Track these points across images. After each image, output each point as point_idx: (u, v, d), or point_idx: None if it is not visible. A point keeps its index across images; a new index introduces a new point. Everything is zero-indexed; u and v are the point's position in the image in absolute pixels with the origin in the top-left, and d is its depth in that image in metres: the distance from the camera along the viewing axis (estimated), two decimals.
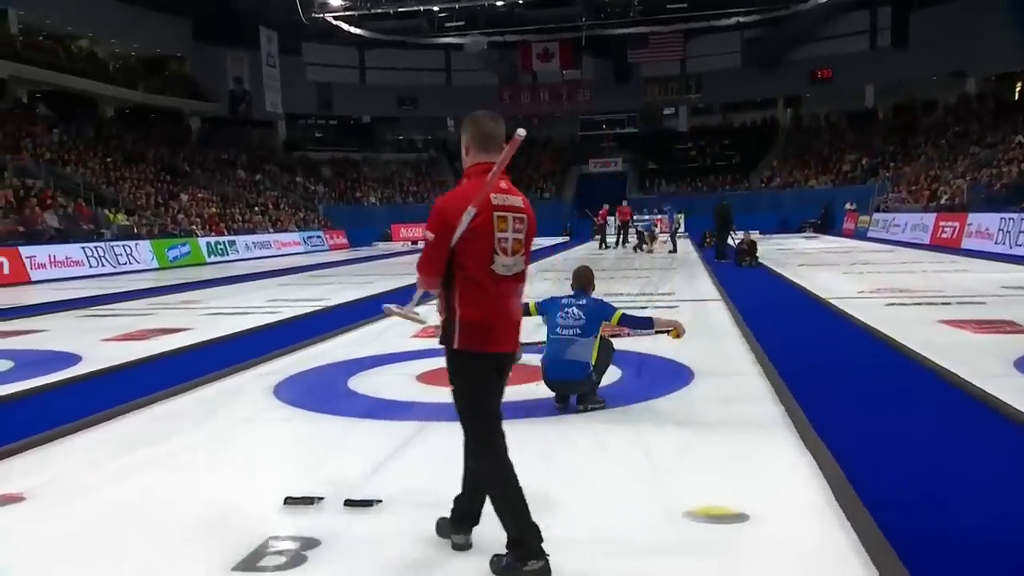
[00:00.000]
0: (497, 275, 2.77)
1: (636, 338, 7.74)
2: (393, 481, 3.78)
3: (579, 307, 5.02)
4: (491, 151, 2.84)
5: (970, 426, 4.49)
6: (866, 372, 6.00)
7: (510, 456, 2.86)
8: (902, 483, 3.60)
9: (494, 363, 2.84)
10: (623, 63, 45.06)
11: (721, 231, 18.31)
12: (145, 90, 38.00)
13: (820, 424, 4.47)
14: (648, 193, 40.55)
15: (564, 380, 4.96)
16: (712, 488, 3.57)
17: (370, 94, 46.36)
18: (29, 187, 23.30)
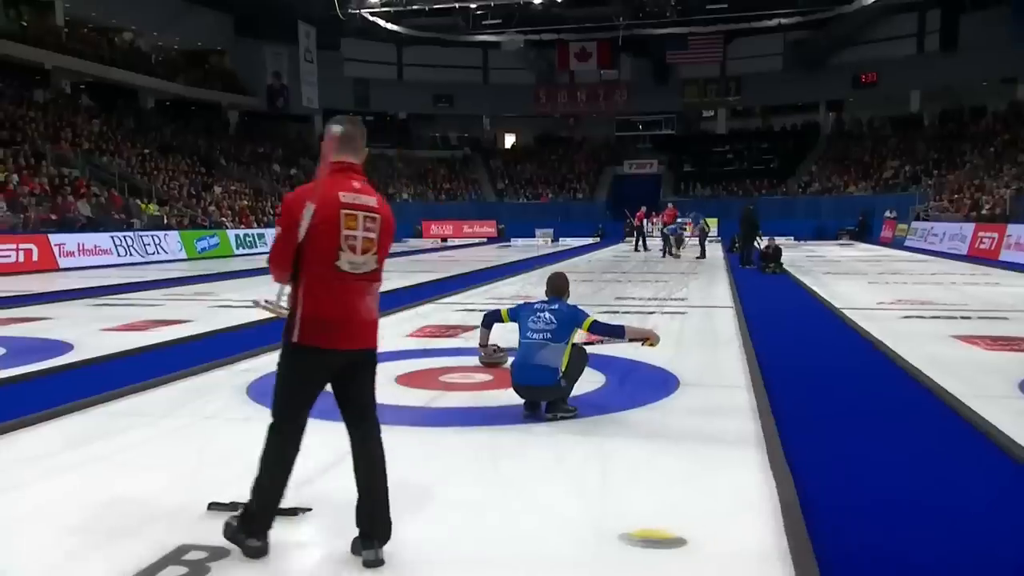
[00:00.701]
0: (342, 272, 2.79)
1: (630, 345, 7.56)
2: (331, 489, 3.66)
3: (551, 312, 4.86)
4: (346, 152, 2.88)
5: (954, 451, 4.23)
6: (858, 388, 5.73)
7: (470, 463, 2.82)
8: (863, 510, 3.37)
9: (331, 361, 2.85)
10: (662, 64, 44.64)
11: (746, 236, 17.92)
12: (185, 82, 38.60)
13: (793, 443, 4.25)
14: (683, 196, 40.02)
15: (531, 385, 4.80)
16: (658, 509, 3.38)
17: (407, 91, 46.55)
18: (65, 176, 23.79)
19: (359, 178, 2.89)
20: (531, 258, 21.20)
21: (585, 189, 44.44)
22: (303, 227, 2.71)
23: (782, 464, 3.86)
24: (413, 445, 4.34)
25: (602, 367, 6.37)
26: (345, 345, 2.85)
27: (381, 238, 2.89)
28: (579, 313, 4.91)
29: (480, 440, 4.44)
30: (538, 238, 35.48)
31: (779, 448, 4.11)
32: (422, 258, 23.56)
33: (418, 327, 8.63)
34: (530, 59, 45.12)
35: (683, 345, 7.62)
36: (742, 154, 45.37)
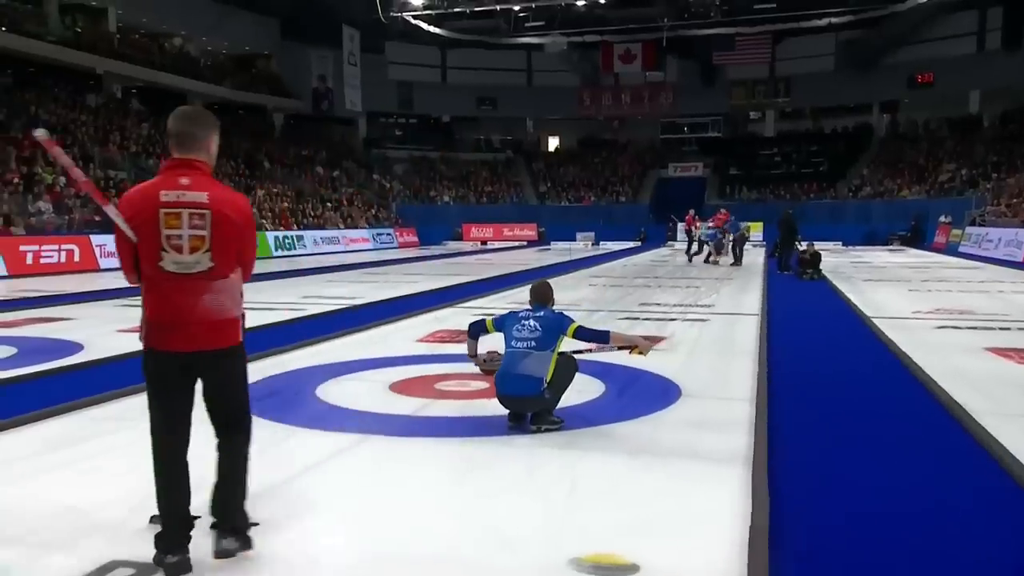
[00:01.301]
0: (168, 273, 2.74)
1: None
2: (288, 502, 3.57)
3: (536, 319, 4.71)
4: (182, 148, 2.85)
5: (960, 477, 3.95)
6: (869, 404, 5.44)
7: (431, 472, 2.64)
8: (837, 543, 3.15)
9: (173, 362, 2.80)
10: (708, 65, 43.97)
11: (784, 241, 17.45)
12: (232, 86, 39.32)
13: (783, 462, 4.04)
14: (728, 199, 39.35)
15: (515, 395, 4.65)
16: (620, 531, 3.21)
17: (450, 93, 46.73)
18: (111, 178, 24.38)
19: (192, 174, 2.80)
20: (564, 262, 20.99)
21: (628, 192, 44.00)
22: (126, 228, 2.69)
23: (763, 486, 3.65)
24: (383, 457, 4.24)
25: (603, 375, 6.20)
26: (181, 347, 2.78)
27: (216, 235, 2.77)
28: (564, 320, 4.75)
29: (454, 453, 4.31)
30: (579, 241, 35.23)
31: (764, 468, 3.90)
32: (457, 261, 23.54)
33: (430, 331, 8.55)
34: (574, 61, 44.89)
35: (695, 354, 7.39)
36: (790, 157, 44.41)
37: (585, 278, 16.21)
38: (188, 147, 2.85)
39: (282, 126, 42.96)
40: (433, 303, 11.31)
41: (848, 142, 44.44)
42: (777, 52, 43.20)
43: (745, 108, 46.83)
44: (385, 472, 3.99)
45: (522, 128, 49.81)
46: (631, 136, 48.97)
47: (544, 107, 47.38)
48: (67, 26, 32.67)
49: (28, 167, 21.74)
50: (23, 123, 25.16)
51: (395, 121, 48.87)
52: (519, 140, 49.55)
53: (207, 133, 2.91)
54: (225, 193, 2.87)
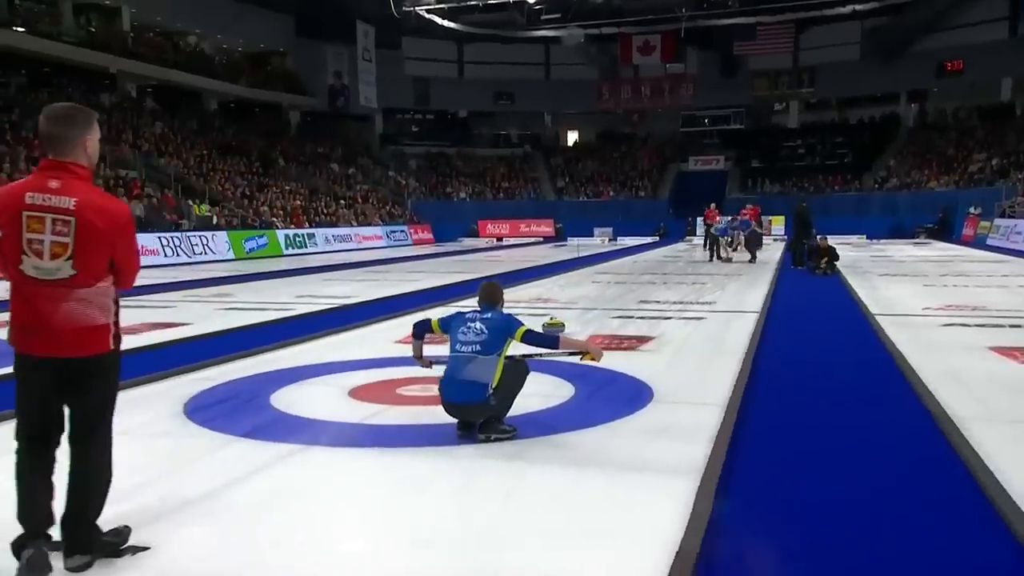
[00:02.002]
0: (28, 277, 2.69)
1: (626, 352, 7.11)
2: (200, 515, 3.37)
3: (483, 321, 4.48)
4: (53, 150, 2.74)
5: (929, 496, 3.65)
6: (851, 409, 5.13)
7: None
8: (771, 570, 2.89)
9: (31, 366, 2.74)
10: (729, 56, 43.32)
11: (798, 235, 17.02)
12: (247, 84, 39.46)
13: (739, 476, 3.78)
14: (749, 193, 38.76)
15: (459, 403, 4.43)
16: (537, 554, 2.97)
17: (467, 88, 46.55)
18: (121, 177, 24.51)
19: (64, 177, 2.69)
20: (573, 259, 20.69)
21: (647, 187, 43.53)
22: None
23: (706, 504, 3.38)
24: (315, 471, 4.03)
25: (576, 378, 5.96)
26: (42, 351, 2.72)
27: (81, 243, 2.67)
28: (512, 322, 4.51)
29: (391, 465, 4.09)
30: (596, 237, 34.90)
31: (713, 484, 3.63)
32: (466, 258, 23.34)
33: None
34: (592, 54, 44.45)
35: (680, 354, 7.12)
36: (814, 148, 43.65)
37: (591, 275, 15.93)
38: (60, 150, 2.73)
39: (298, 124, 43.08)
40: (424, 302, 11.11)
41: (874, 133, 43.61)
42: (800, 41, 42.47)
43: (768, 99, 46.08)
44: (311, 486, 3.78)
45: (540, 122, 49.51)
46: (651, 129, 48.46)
47: (562, 101, 47.01)
48: (81, 26, 32.95)
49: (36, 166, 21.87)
50: (35, 123, 25.37)
51: (411, 117, 48.80)
52: (537, 135, 49.26)
53: (80, 133, 2.76)
54: (97, 200, 2.76)
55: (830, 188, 39.75)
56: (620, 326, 8.73)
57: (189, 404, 5.24)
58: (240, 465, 4.02)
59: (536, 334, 4.51)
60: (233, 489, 3.71)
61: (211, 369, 6.45)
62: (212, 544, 3.09)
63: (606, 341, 7.70)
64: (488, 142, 48.41)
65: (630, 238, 34.30)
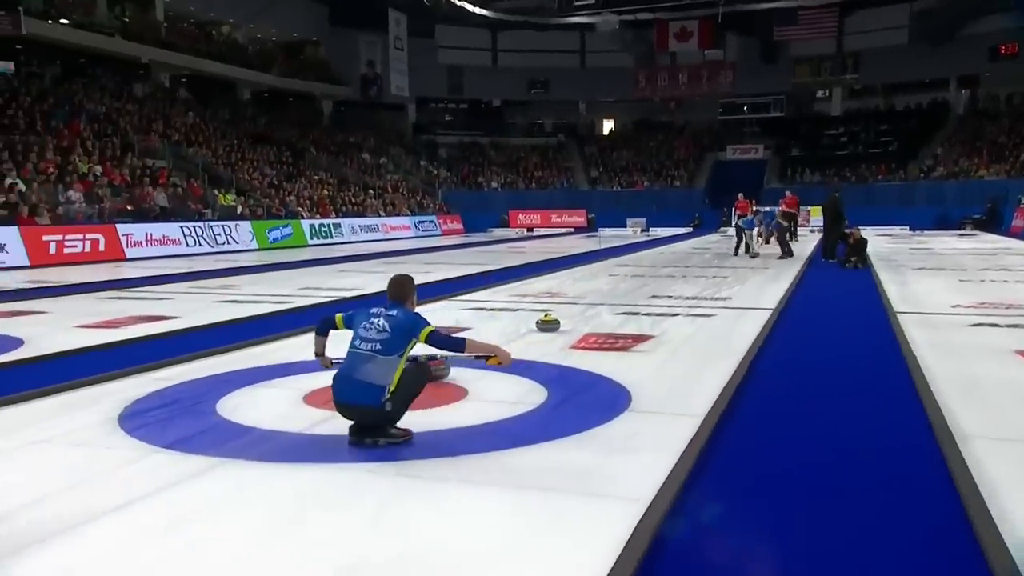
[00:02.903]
0: None
1: (617, 353, 6.64)
2: (66, 546, 3.02)
3: (387, 318, 4.12)
4: None
5: (910, 530, 3.15)
6: (847, 423, 4.60)
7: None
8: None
9: None
10: (770, 41, 42.18)
11: (830, 227, 16.26)
12: (280, 74, 39.49)
13: (693, 503, 3.31)
14: (788, 182, 37.65)
15: (350, 404, 4.08)
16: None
17: (501, 77, 46.07)
18: (148, 167, 24.60)
19: None
20: (594, 251, 20.15)
21: (683, 176, 42.62)
22: None
23: (646, 537, 2.93)
24: (232, 482, 3.66)
25: (552, 382, 5.52)
26: None
27: None
28: (418, 322, 4.14)
29: (318, 479, 3.69)
30: (629, 228, 34.20)
31: (663, 510, 3.18)
32: (490, 249, 22.95)
33: None
34: (627, 41, 43.59)
35: (676, 355, 6.62)
36: (858, 136, 42.29)
37: (609, 268, 15.41)
38: None
39: (331, 113, 43.05)
40: (429, 295, 10.73)
41: (921, 120, 42.08)
42: (845, 26, 41.13)
43: (810, 86, 44.76)
44: (218, 506, 3.41)
45: (575, 111, 48.83)
46: (688, 118, 47.47)
47: (598, 89, 46.26)
48: (116, 16, 33.21)
49: (64, 157, 22.05)
50: (67, 113, 25.63)
51: (445, 106, 48.51)
52: (572, 124, 48.59)
53: None
54: None
55: (873, 177, 38.46)
56: (621, 323, 8.24)
57: (129, 409, 4.91)
58: (147, 481, 3.67)
59: (441, 337, 4.14)
60: (126, 510, 3.34)
61: (173, 368, 6.13)
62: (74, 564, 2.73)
63: (600, 340, 7.25)
64: (522, 131, 47.88)
65: (663, 229, 33.56)
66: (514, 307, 9.48)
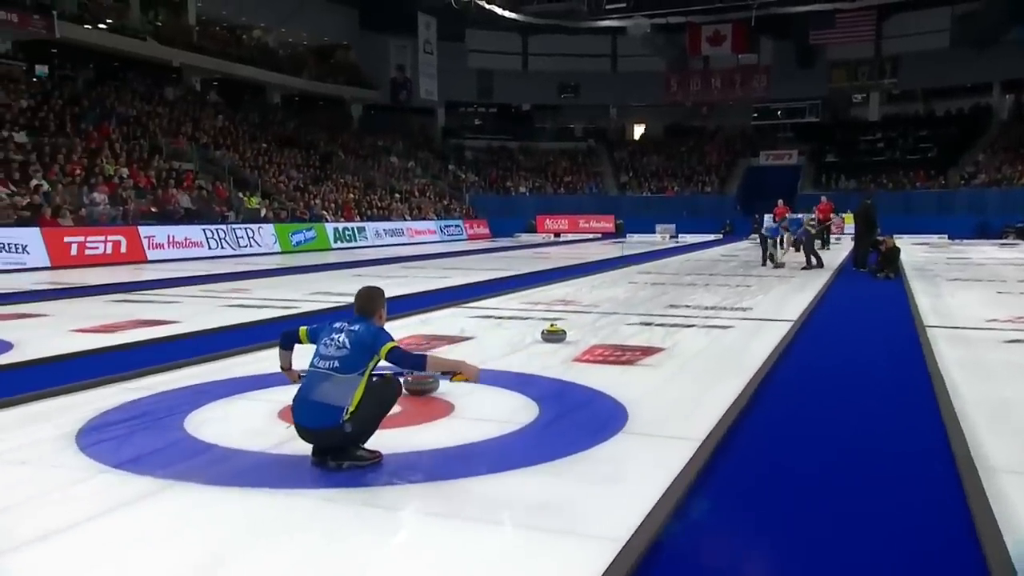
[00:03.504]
0: None
1: (622, 367, 6.28)
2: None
3: (348, 333, 3.82)
4: None
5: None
6: (857, 453, 4.19)
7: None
8: None
9: None
10: (805, 45, 41.25)
11: (861, 235, 15.66)
12: (310, 77, 39.63)
13: (673, 547, 2.95)
14: (823, 189, 36.79)
15: (308, 427, 3.79)
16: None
17: (531, 81, 45.79)
18: (175, 169, 24.69)
19: None
20: (618, 257, 19.72)
21: (715, 182, 41.93)
22: None
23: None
24: (177, 508, 3.37)
25: (545, 399, 5.19)
26: None
27: None
28: (380, 337, 3.83)
29: (271, 505, 3.40)
30: (657, 234, 33.66)
31: (638, 552, 2.83)
32: (512, 255, 22.62)
33: (396, 339, 7.63)
34: (659, 44, 42.95)
35: (683, 370, 6.24)
36: (895, 142, 41.24)
37: (629, 275, 15.00)
38: None
39: (360, 117, 43.11)
40: (436, 302, 10.45)
41: (962, 125, 40.92)
42: (883, 29, 40.18)
43: (846, 91, 43.76)
44: (156, 535, 3.13)
45: (605, 116, 48.37)
46: (721, 123, 46.76)
47: (629, 94, 45.72)
48: (149, 20, 33.59)
49: (92, 159, 22.18)
50: (97, 116, 25.85)
51: (474, 110, 48.37)
52: (602, 128, 48.13)
53: None
54: None
55: (912, 184, 37.47)
56: (632, 334, 7.87)
57: (92, 422, 4.66)
58: (83, 505, 3.39)
59: (401, 353, 3.85)
60: (51, 539, 3.07)
61: (155, 376, 5.89)
62: None
63: (606, 352, 6.89)
64: (551, 136, 47.51)
65: (693, 235, 32.97)
66: (524, 315, 9.16)
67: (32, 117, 23.29)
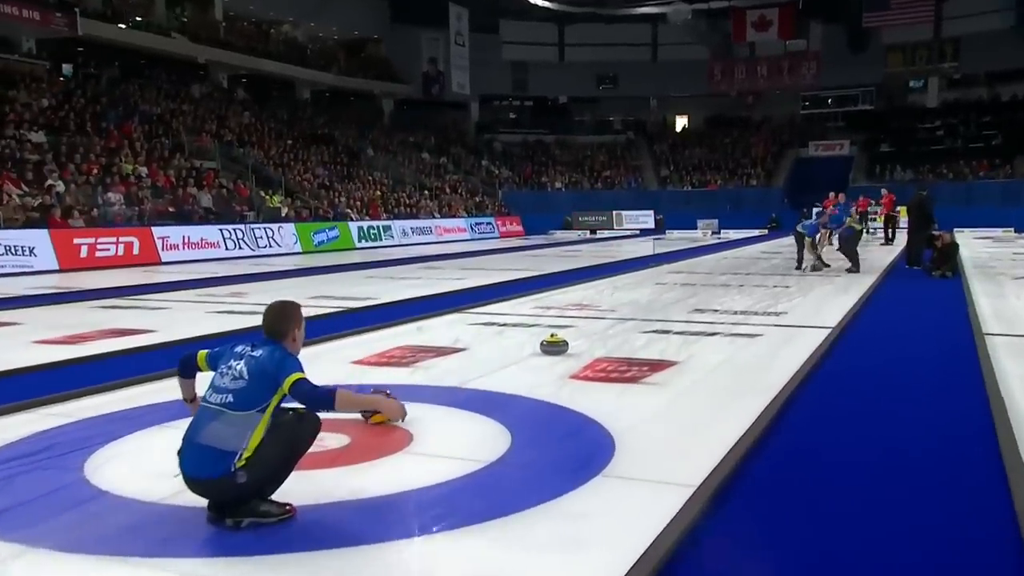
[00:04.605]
0: None
1: (624, 385, 5.54)
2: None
3: (248, 360, 3.14)
4: None
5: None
6: (892, 505, 3.40)
7: None
8: None
9: None
10: (858, 29, 39.89)
11: (915, 229, 14.58)
12: (340, 72, 39.37)
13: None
14: (876, 181, 35.37)
15: (193, 477, 3.12)
16: None
17: (568, 73, 45.01)
18: (195, 167, 24.49)
19: None
20: (650, 256, 18.86)
21: (760, 175, 40.69)
22: None
23: None
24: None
25: (520, 427, 4.51)
26: None
27: None
28: (284, 366, 3.14)
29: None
30: (699, 230, 32.63)
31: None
32: (541, 253, 21.90)
33: (380, 350, 7.01)
34: (701, 32, 41.96)
35: (694, 390, 5.48)
36: (956, 130, 39.54)
37: (658, 275, 14.19)
38: None
39: (391, 112, 42.77)
40: (440, 307, 9.80)
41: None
42: (943, 10, 38.58)
43: (903, 76, 42.21)
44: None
45: (645, 107, 47.36)
46: (767, 112, 45.47)
47: (670, 84, 44.62)
48: (174, 16, 33.61)
49: (110, 158, 22.04)
50: (119, 115, 25.79)
51: (509, 104, 47.74)
52: (641, 120, 47.15)
53: None
54: None
55: (974, 174, 35.83)
56: (644, 344, 7.12)
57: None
58: None
59: (307, 388, 3.10)
60: None
61: (85, 400, 5.28)
62: None
63: (610, 367, 6.16)
64: (589, 129, 46.69)
65: (736, 231, 31.87)
66: (531, 322, 8.45)
67: (53, 116, 23.27)
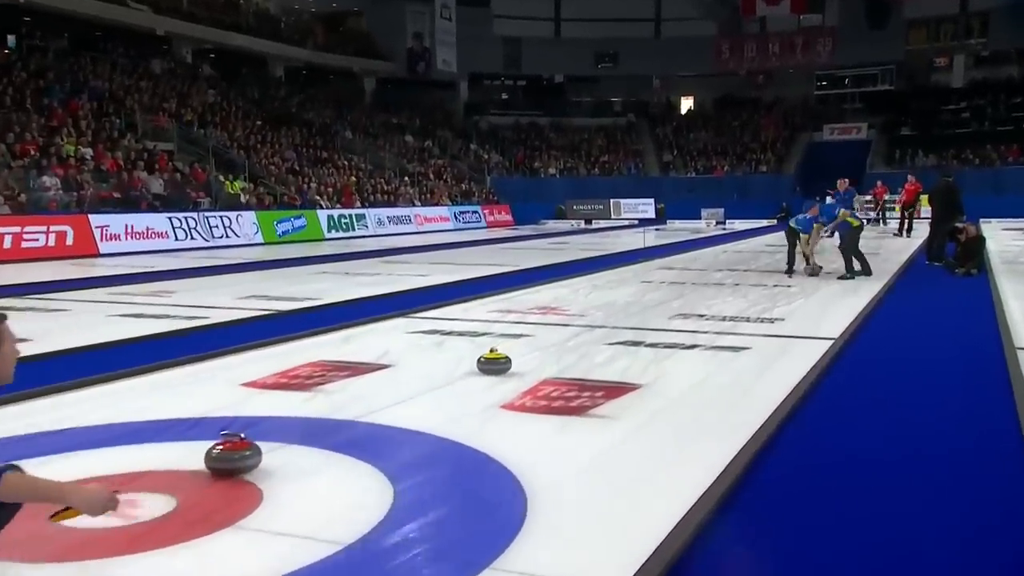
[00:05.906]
0: None
1: (564, 418, 4.64)
2: None
3: None
4: None
5: None
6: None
7: None
8: None
9: None
10: (878, 3, 38.98)
11: (939, 221, 13.66)
12: (315, 48, 38.39)
13: None
14: (896, 167, 34.50)
15: None
16: None
17: (564, 50, 44.01)
18: (149, 150, 23.55)
19: None
20: (641, 249, 17.95)
21: (770, 160, 39.79)
22: None
23: None
24: None
25: (413, 480, 3.64)
26: None
27: None
28: None
29: None
30: (703, 219, 31.75)
31: None
32: (524, 246, 21.00)
33: (290, 366, 6.11)
34: (708, 5, 40.99)
35: (651, 425, 4.58)
36: (983, 112, 38.61)
37: (650, 270, 13.32)
38: None
39: (372, 91, 41.82)
40: (383, 311, 8.90)
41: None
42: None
43: (926, 54, 41.27)
44: None
45: (647, 87, 46.45)
46: (778, 93, 44.55)
47: (674, 62, 43.65)
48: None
49: (50, 138, 21.10)
50: (66, 91, 24.83)
51: (500, 83, 46.78)
52: (643, 102, 46.24)
53: None
54: None
55: (1003, 160, 34.95)
56: (606, 361, 6.23)
57: None
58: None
59: None
60: None
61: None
62: None
63: (556, 391, 5.26)
64: (586, 111, 45.74)
65: (743, 221, 30.99)
66: (481, 330, 7.57)
67: None
